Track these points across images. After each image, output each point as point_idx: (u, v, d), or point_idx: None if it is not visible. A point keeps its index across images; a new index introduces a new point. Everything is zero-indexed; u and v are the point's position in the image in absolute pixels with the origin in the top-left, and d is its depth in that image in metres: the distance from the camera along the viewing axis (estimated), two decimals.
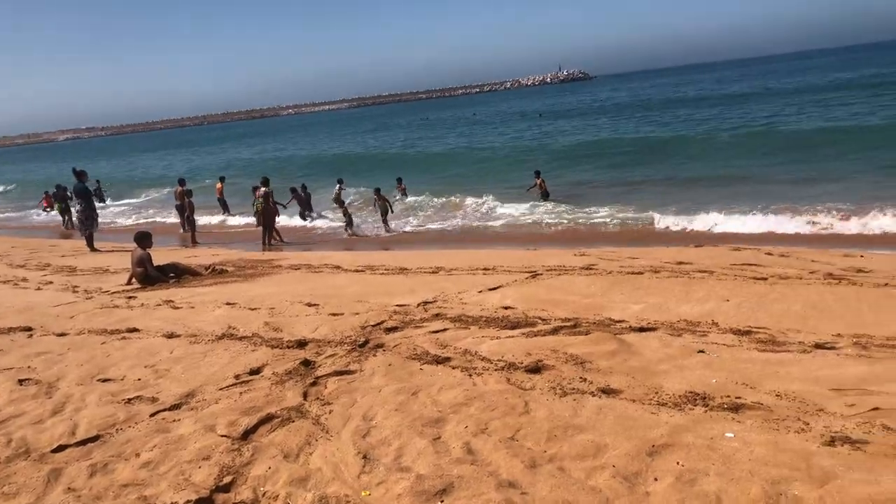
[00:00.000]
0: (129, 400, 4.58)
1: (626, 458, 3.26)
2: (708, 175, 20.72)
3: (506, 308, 6.58)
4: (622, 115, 48.38)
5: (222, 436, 3.86)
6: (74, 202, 15.10)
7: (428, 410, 4.03)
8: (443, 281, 8.49)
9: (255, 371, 5.01)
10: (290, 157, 47.19)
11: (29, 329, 6.91)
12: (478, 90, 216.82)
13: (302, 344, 5.63)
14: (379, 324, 6.16)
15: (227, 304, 7.66)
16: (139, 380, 5.02)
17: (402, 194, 22.05)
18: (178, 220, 19.93)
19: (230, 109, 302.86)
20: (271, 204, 16.65)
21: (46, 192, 27.39)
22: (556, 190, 20.42)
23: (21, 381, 5.13)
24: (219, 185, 23.82)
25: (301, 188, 20.87)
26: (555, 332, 5.54)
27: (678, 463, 3.19)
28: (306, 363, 5.06)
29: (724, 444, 3.34)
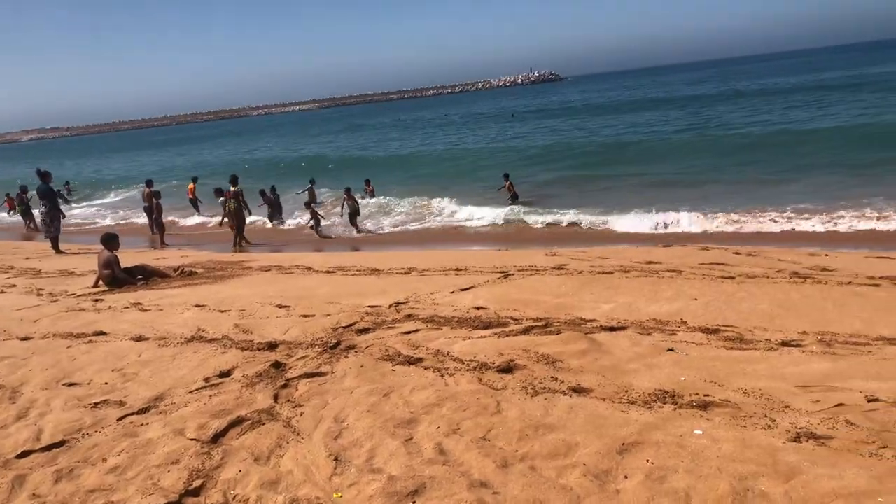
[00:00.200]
0: (96, 404, 4.50)
1: (597, 456, 3.29)
2: (676, 176, 20.97)
3: (478, 308, 6.59)
4: (592, 115, 48.82)
5: (192, 439, 3.82)
6: (38, 204, 14.83)
7: (400, 411, 4.03)
8: (415, 281, 8.48)
9: (225, 373, 4.95)
10: (261, 158, 46.77)
11: None
12: (449, 91, 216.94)
13: (273, 346, 5.59)
14: (351, 325, 6.13)
15: (197, 306, 7.57)
16: (106, 384, 4.94)
17: (371, 195, 21.94)
18: (147, 221, 19.69)
19: (199, 110, 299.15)
20: (242, 203, 16.51)
21: (8, 195, 26.80)
22: (527, 191, 20.53)
23: None
24: (191, 185, 23.51)
25: (270, 190, 20.69)
26: (526, 331, 5.57)
27: (648, 461, 3.23)
28: (277, 365, 5.02)
29: (693, 441, 3.39)
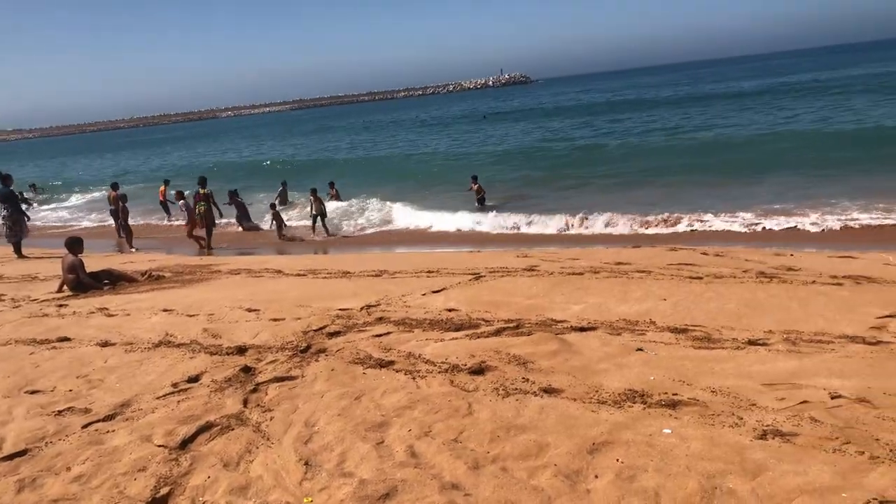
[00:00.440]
0: (60, 412, 4.41)
1: (568, 456, 3.31)
2: (645, 177, 21.17)
3: (449, 310, 6.59)
4: (562, 117, 49.08)
5: (159, 446, 3.76)
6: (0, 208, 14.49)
7: (371, 415, 4.01)
8: (386, 284, 8.45)
9: (194, 379, 4.89)
10: (229, 161, 46.24)
11: None
12: (420, 93, 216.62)
13: (242, 350, 5.53)
14: (321, 328, 6.09)
15: (165, 310, 7.46)
16: (70, 391, 4.84)
17: (335, 198, 21.53)
18: (115, 224, 19.39)
19: (167, 111, 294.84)
20: (213, 205, 16.37)
21: None
22: (496, 193, 20.61)
23: None
24: (162, 187, 23.30)
25: (235, 193, 20.49)
26: (498, 333, 5.58)
27: (618, 460, 3.25)
28: (246, 370, 4.97)
29: (662, 440, 3.42)
